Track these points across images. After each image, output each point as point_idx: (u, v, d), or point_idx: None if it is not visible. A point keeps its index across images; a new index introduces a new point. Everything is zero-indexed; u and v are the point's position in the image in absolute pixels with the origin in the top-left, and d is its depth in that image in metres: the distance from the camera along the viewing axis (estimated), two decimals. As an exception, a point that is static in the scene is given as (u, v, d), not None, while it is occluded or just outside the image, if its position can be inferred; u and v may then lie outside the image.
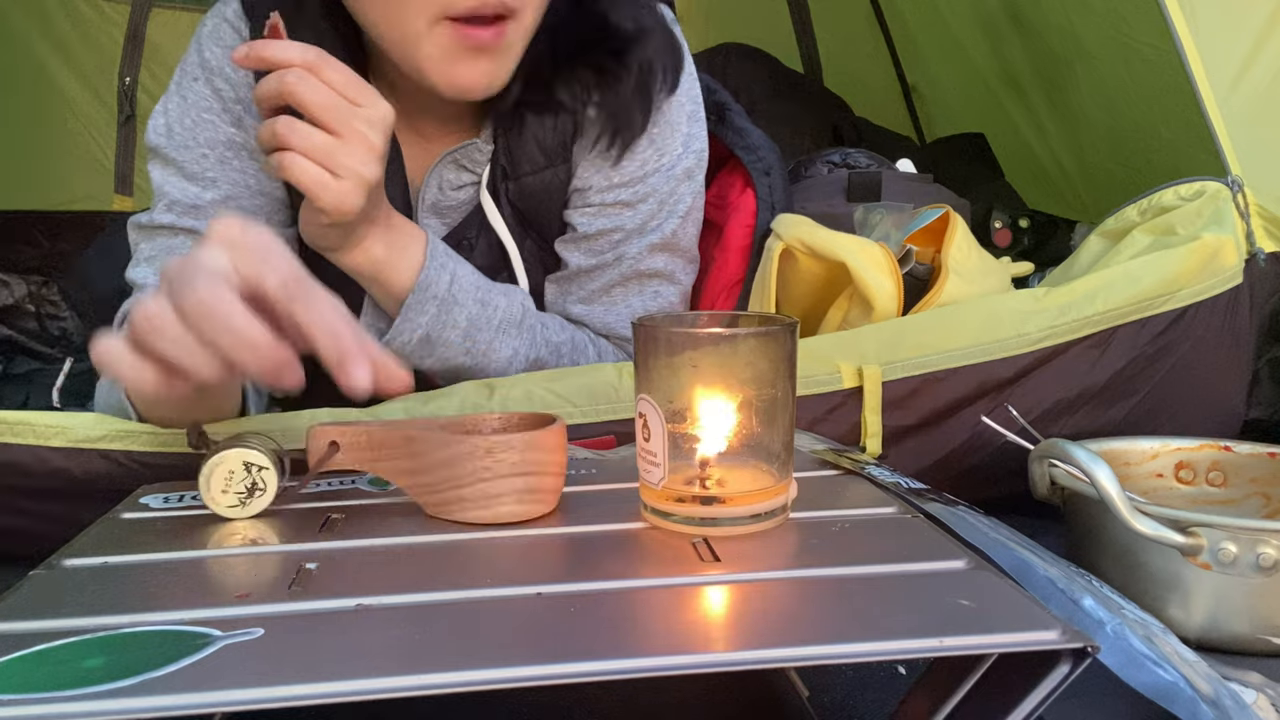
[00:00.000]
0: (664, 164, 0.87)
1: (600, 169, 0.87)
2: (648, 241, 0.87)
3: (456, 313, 0.78)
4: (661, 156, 0.87)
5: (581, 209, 0.88)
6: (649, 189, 0.87)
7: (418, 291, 0.77)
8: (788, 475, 0.51)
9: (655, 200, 0.87)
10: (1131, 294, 0.81)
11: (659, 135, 0.87)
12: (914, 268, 0.87)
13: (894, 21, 2.12)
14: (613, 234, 0.87)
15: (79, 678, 0.35)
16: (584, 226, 0.87)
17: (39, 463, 0.70)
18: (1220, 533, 0.60)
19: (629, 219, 0.87)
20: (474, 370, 0.81)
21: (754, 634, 0.39)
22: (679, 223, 0.88)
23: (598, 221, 0.87)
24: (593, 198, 0.87)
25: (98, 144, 2.14)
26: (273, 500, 0.54)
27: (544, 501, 0.53)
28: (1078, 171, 1.48)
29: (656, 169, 0.87)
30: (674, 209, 0.88)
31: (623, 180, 0.86)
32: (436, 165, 0.86)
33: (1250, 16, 0.96)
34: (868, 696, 0.56)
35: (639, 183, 0.87)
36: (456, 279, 0.79)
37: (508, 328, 0.81)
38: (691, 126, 0.89)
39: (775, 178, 0.98)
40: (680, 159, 0.88)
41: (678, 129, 0.88)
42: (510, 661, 0.35)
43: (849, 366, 0.77)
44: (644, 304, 0.89)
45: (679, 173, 0.88)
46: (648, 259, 0.88)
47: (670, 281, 0.90)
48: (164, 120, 0.84)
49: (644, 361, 0.50)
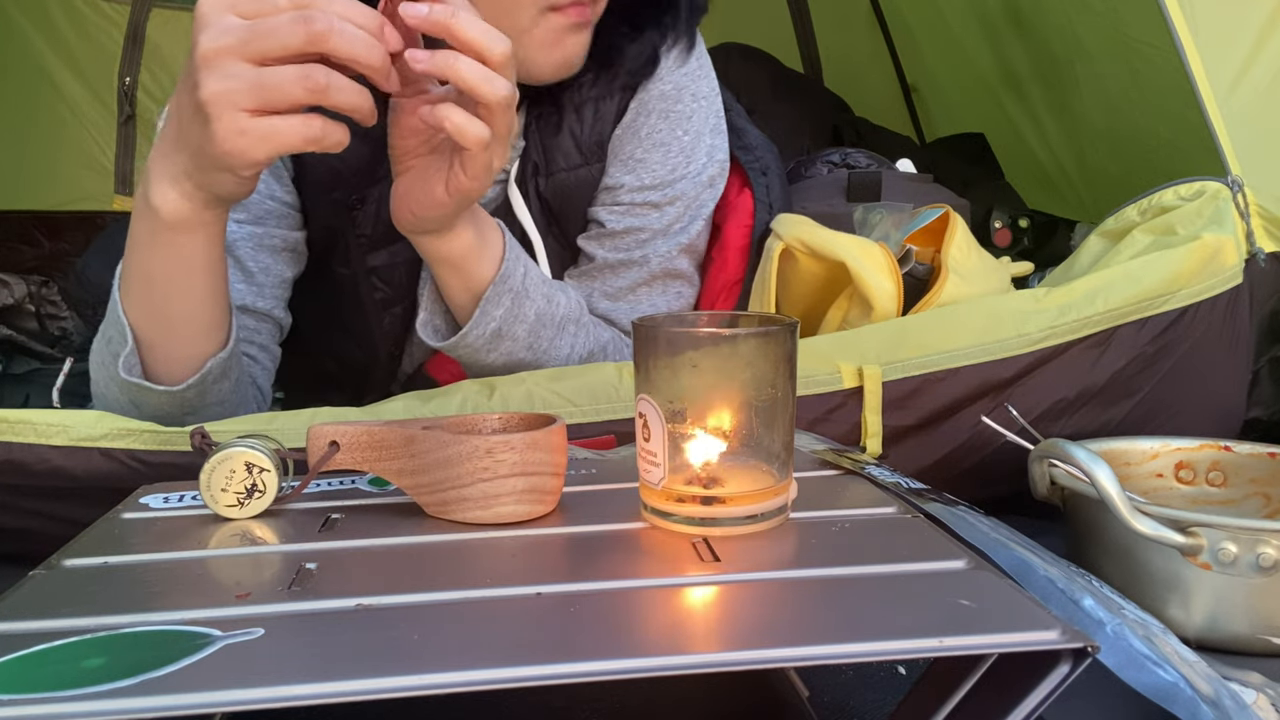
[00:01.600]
0: (691, 170, 0.90)
1: (632, 170, 0.89)
2: (676, 243, 0.90)
3: (527, 307, 0.80)
4: (689, 163, 0.90)
5: (610, 206, 0.90)
6: (677, 193, 0.90)
7: (497, 284, 0.77)
8: (788, 475, 0.51)
9: (682, 204, 0.90)
10: (1132, 294, 0.81)
11: (689, 143, 0.90)
12: (914, 268, 0.87)
13: (894, 21, 2.12)
14: (640, 233, 0.89)
15: (79, 678, 0.35)
16: (611, 224, 0.90)
17: (39, 461, 0.70)
18: (1220, 533, 0.60)
19: (655, 220, 0.89)
20: (532, 365, 0.82)
21: (754, 634, 0.39)
22: (702, 226, 0.92)
23: (625, 220, 0.89)
24: (623, 196, 0.89)
25: (98, 144, 2.14)
26: (273, 500, 0.54)
27: (544, 501, 0.53)
28: (1078, 171, 1.48)
29: (685, 175, 0.90)
30: (698, 213, 0.91)
31: (654, 182, 0.89)
32: None
33: (1250, 16, 0.96)
34: (868, 696, 0.56)
35: (668, 186, 0.89)
36: (529, 273, 0.80)
37: (567, 324, 0.83)
38: (715, 138, 0.92)
39: (772, 178, 0.99)
40: (706, 167, 0.91)
41: (702, 139, 0.91)
42: (510, 661, 0.35)
43: (849, 366, 0.77)
44: (667, 303, 0.92)
45: (704, 179, 0.91)
46: (675, 260, 0.91)
47: (690, 283, 0.93)
48: None
49: (644, 361, 0.50)
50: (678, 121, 0.90)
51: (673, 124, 0.90)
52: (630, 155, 0.89)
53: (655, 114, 0.89)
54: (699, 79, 0.92)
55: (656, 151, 0.89)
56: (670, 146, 0.89)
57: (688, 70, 0.90)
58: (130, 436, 0.70)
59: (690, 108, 0.90)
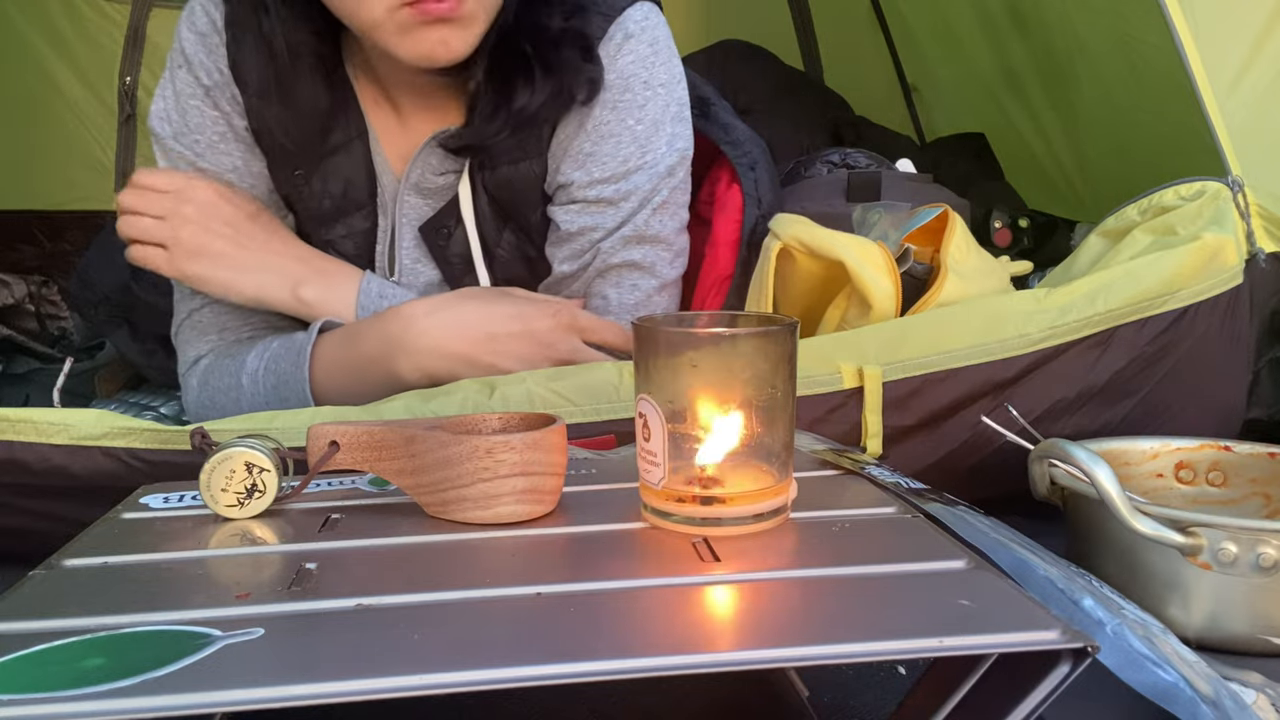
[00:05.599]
0: (647, 161, 0.87)
1: (582, 165, 0.87)
2: (621, 235, 0.87)
3: None
4: (645, 154, 0.87)
5: (565, 205, 0.88)
6: (631, 186, 0.87)
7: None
8: (788, 475, 0.51)
9: (637, 198, 0.87)
10: (1132, 294, 0.81)
11: (643, 133, 0.87)
12: (912, 267, 0.86)
13: (894, 21, 2.11)
14: (594, 232, 0.87)
15: (79, 678, 0.35)
16: (566, 224, 0.88)
17: (40, 460, 0.70)
18: (1220, 533, 0.60)
19: (611, 217, 0.87)
20: None
21: (754, 634, 0.39)
22: (650, 213, 0.88)
23: (580, 219, 0.87)
24: (575, 194, 0.87)
25: (98, 144, 2.14)
26: (273, 500, 0.54)
27: (544, 501, 0.53)
28: (1078, 171, 1.48)
29: (640, 166, 0.87)
30: (652, 204, 0.88)
31: (604, 176, 0.87)
32: (423, 149, 0.88)
33: (1250, 16, 0.96)
34: (868, 696, 0.56)
35: (621, 179, 0.87)
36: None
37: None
38: (675, 126, 0.89)
39: (761, 172, 0.98)
40: (664, 157, 0.88)
41: (661, 127, 0.88)
42: (510, 661, 0.35)
43: (849, 367, 0.77)
44: (620, 296, 0.89)
45: (662, 170, 0.88)
46: (621, 251, 0.88)
47: (650, 274, 0.90)
48: (162, 105, 0.88)
49: (644, 361, 0.50)
50: (628, 111, 0.86)
51: (621, 114, 0.86)
52: (579, 150, 0.87)
53: (601, 105, 0.86)
54: (653, 66, 0.87)
55: (606, 143, 0.86)
56: (621, 137, 0.86)
57: (636, 57, 0.87)
58: (131, 435, 0.70)
59: (642, 96, 0.87)
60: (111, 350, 1.32)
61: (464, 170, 0.88)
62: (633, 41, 0.87)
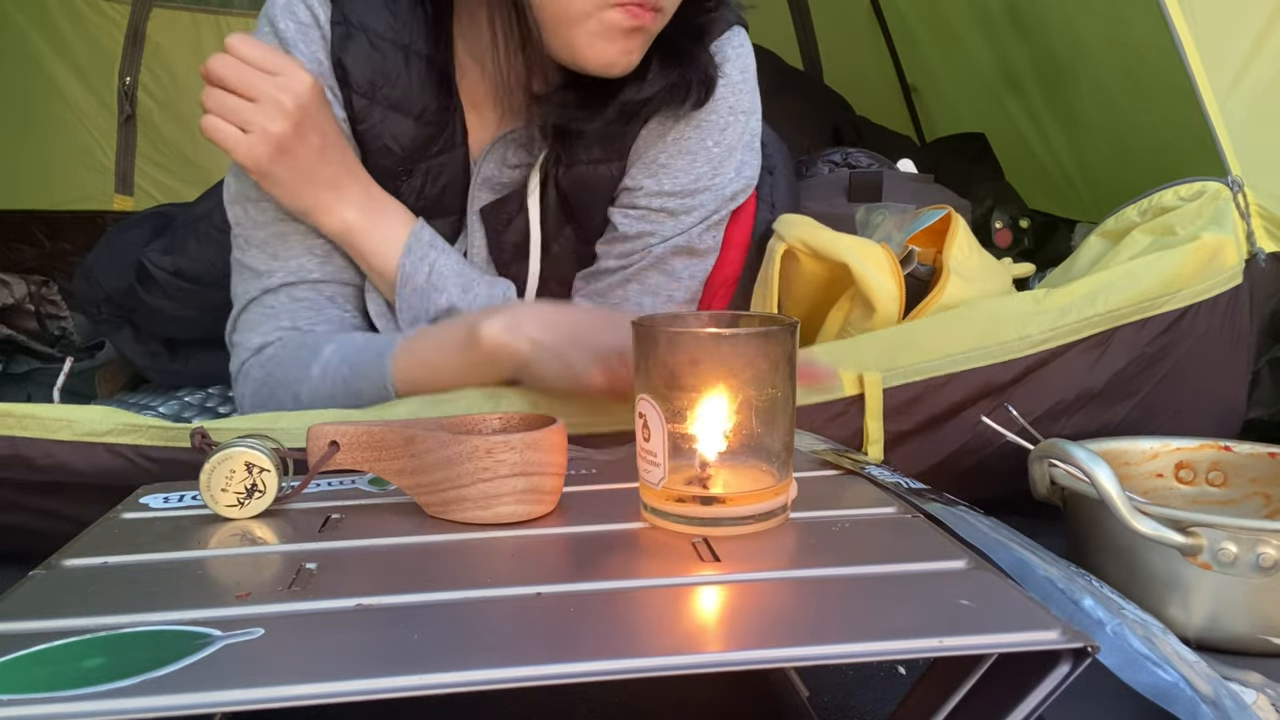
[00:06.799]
0: (717, 183, 0.88)
1: (654, 174, 0.87)
2: (673, 243, 0.88)
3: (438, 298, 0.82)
4: (715, 175, 0.88)
5: (626, 208, 0.88)
6: (696, 203, 0.88)
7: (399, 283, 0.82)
8: (788, 475, 0.51)
9: (698, 215, 0.88)
10: (1132, 295, 0.81)
11: (718, 155, 0.88)
12: (915, 268, 0.87)
13: (894, 21, 2.12)
14: (650, 238, 0.88)
15: (79, 678, 0.35)
16: (624, 226, 0.88)
17: (45, 456, 0.70)
18: (1220, 533, 0.60)
19: (669, 227, 0.88)
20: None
21: (754, 634, 0.39)
22: (704, 229, 0.89)
23: (639, 224, 0.88)
24: (639, 199, 0.88)
25: (98, 144, 2.14)
26: (273, 500, 0.54)
27: (544, 501, 0.53)
28: (1078, 171, 1.48)
29: (709, 186, 0.88)
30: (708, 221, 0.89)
31: (674, 189, 0.87)
32: (497, 142, 0.87)
33: (1250, 16, 0.96)
34: (868, 696, 0.56)
35: (688, 195, 0.87)
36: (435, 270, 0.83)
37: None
38: (747, 154, 0.90)
39: (779, 177, 0.98)
40: (731, 182, 0.89)
41: (735, 153, 0.89)
42: (510, 661, 0.35)
43: (849, 374, 0.77)
44: (654, 305, 0.90)
45: (727, 194, 0.89)
46: (667, 259, 0.88)
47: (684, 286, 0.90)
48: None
49: (644, 361, 0.50)
50: (709, 132, 0.88)
51: (704, 133, 0.87)
52: (654, 159, 0.87)
53: (685, 121, 0.87)
54: (741, 92, 0.89)
55: (682, 159, 0.87)
56: (697, 155, 0.87)
57: (728, 81, 0.88)
58: (136, 432, 0.70)
59: (725, 119, 0.88)
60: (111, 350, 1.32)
61: (535, 165, 0.88)
62: (728, 65, 0.88)
